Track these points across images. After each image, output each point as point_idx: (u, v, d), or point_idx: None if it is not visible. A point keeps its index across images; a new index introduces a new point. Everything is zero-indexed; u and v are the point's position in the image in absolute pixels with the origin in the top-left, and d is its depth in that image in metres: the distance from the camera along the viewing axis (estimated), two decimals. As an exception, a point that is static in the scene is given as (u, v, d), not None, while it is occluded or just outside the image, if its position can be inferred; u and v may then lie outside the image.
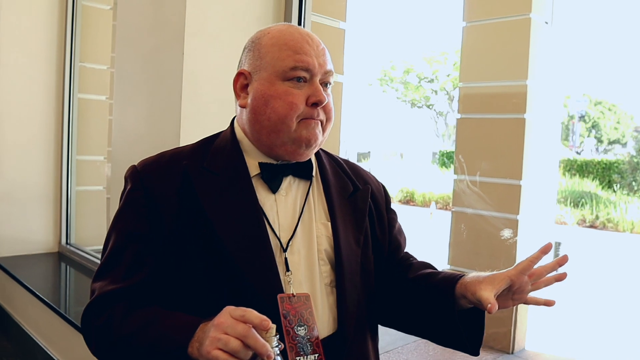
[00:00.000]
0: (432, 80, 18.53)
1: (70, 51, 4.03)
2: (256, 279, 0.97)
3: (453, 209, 4.57)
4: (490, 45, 4.36)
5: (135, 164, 1.07)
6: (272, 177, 1.05)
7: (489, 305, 0.92)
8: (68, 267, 3.86)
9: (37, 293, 3.27)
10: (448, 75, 17.94)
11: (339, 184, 1.14)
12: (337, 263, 1.05)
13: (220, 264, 0.96)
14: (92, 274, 3.60)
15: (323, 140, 1.07)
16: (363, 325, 1.10)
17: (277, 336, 0.80)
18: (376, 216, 1.17)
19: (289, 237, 1.02)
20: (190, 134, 1.93)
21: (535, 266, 0.99)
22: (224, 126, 1.19)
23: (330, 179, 1.13)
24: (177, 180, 1.01)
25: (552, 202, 5.05)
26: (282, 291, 0.99)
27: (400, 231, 1.24)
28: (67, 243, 4.12)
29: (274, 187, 1.05)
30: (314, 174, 1.11)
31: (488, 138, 4.31)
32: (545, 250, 0.99)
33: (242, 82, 1.07)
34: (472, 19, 4.48)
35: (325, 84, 1.05)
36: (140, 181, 1.03)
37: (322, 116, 1.04)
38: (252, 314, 0.79)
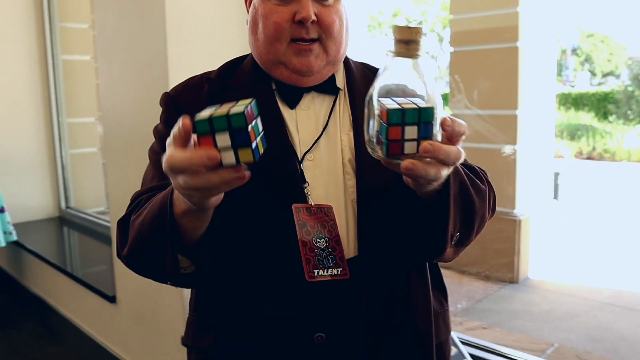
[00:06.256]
0: (421, 23, 18.20)
1: (48, 11, 3.92)
2: (270, 186, 0.93)
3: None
4: (479, -27, 4.25)
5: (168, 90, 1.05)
6: (290, 94, 0.99)
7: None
8: (70, 230, 3.87)
9: (45, 257, 3.29)
10: (437, 16, 17.58)
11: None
12: (358, 173, 0.96)
13: None
14: (95, 235, 3.57)
15: (333, 60, 0.98)
16: (396, 248, 0.96)
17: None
18: None
19: (307, 150, 0.97)
20: (179, 79, 1.88)
21: None
22: (213, 65, 1.14)
23: (360, 90, 1.01)
24: (205, 99, 0.98)
25: (551, 134, 5.03)
26: (300, 202, 0.93)
27: None
28: (67, 207, 4.12)
29: (291, 104, 0.99)
30: (341, 86, 1.03)
31: (482, 69, 4.26)
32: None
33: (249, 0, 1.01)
34: (459, -52, 4.34)
35: None
36: (172, 103, 1.02)
37: (315, 34, 0.94)
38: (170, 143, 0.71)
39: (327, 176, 0.96)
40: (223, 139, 0.65)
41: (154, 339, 2.35)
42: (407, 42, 0.70)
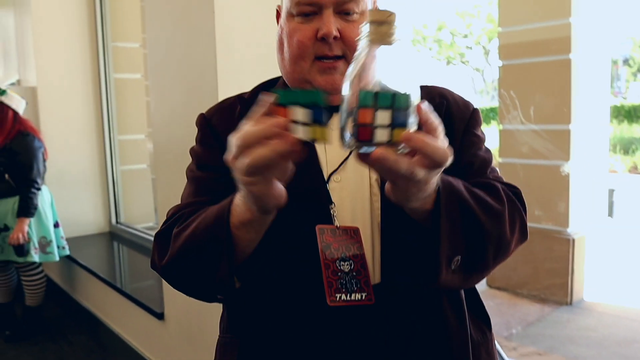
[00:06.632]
0: (466, 36, 17.96)
1: (102, 31, 4.05)
2: (296, 206, 0.87)
3: (500, 160, 4.43)
4: (529, -15, 4.15)
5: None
6: None
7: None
8: (120, 245, 3.95)
9: (95, 271, 3.36)
10: (483, 29, 17.35)
11: None
12: (384, 193, 0.88)
13: None
14: (144, 250, 3.58)
15: None
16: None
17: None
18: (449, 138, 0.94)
19: (334, 170, 0.93)
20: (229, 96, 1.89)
21: None
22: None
23: None
24: (237, 119, 0.96)
25: (605, 149, 4.83)
26: (325, 223, 0.89)
27: (476, 155, 0.97)
28: (117, 222, 4.21)
29: None
30: None
31: (533, 83, 4.13)
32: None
33: (279, 19, 1.01)
34: (507, -40, 4.26)
35: (345, 12, 0.91)
36: (207, 124, 1.02)
37: (339, 51, 0.90)
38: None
39: (354, 197, 0.93)
40: (303, 113, 0.66)
41: (201, 358, 2.34)
42: (379, 24, 0.67)
